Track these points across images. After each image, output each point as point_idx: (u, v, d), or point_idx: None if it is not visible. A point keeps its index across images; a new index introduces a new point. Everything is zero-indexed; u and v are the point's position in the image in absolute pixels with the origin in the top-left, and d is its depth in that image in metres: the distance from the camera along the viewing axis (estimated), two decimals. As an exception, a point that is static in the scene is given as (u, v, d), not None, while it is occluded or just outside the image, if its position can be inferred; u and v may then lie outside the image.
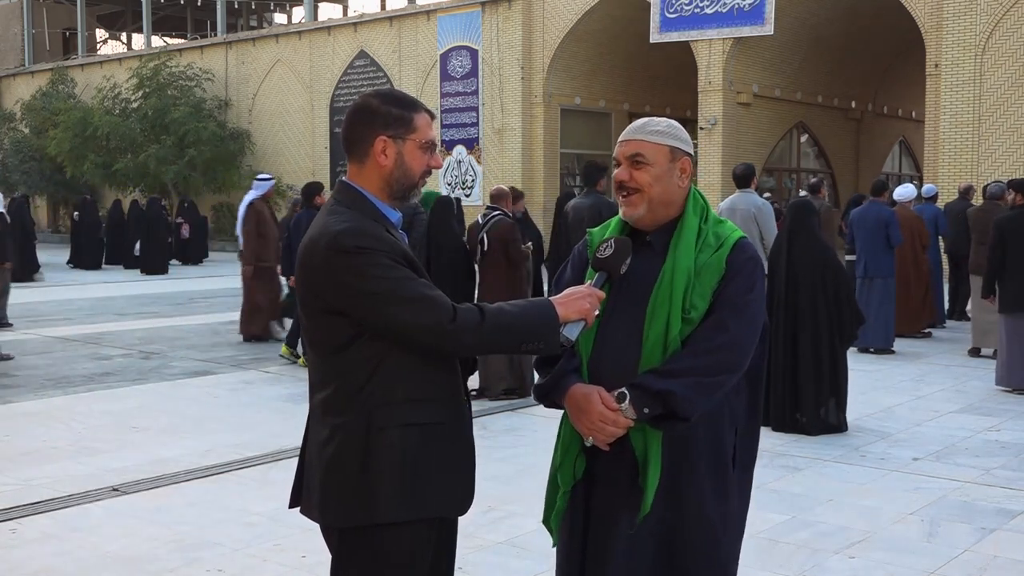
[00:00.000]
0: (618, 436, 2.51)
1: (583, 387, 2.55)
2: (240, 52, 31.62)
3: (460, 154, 26.15)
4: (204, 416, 7.79)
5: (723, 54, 21.81)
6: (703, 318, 2.53)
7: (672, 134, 2.65)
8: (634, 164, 2.62)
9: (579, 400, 2.53)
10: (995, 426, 7.35)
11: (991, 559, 4.65)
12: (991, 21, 18.28)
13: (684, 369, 2.47)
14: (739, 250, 2.59)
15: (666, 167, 2.62)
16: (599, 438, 2.52)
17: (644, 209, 2.62)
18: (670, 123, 2.69)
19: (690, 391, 2.45)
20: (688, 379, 2.45)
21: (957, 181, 17.07)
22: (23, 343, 11.74)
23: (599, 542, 2.60)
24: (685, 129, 2.77)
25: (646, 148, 2.62)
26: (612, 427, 2.49)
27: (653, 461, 2.51)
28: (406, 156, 2.53)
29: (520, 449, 6.68)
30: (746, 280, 2.56)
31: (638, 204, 2.62)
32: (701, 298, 2.54)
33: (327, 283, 2.40)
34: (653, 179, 2.61)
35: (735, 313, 2.52)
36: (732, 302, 2.53)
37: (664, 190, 2.62)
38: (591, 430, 2.52)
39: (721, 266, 2.56)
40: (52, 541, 4.89)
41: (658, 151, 2.62)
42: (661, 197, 2.62)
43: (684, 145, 2.67)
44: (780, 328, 7.25)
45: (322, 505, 2.46)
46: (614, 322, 2.59)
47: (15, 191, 29.18)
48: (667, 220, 2.64)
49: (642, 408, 2.46)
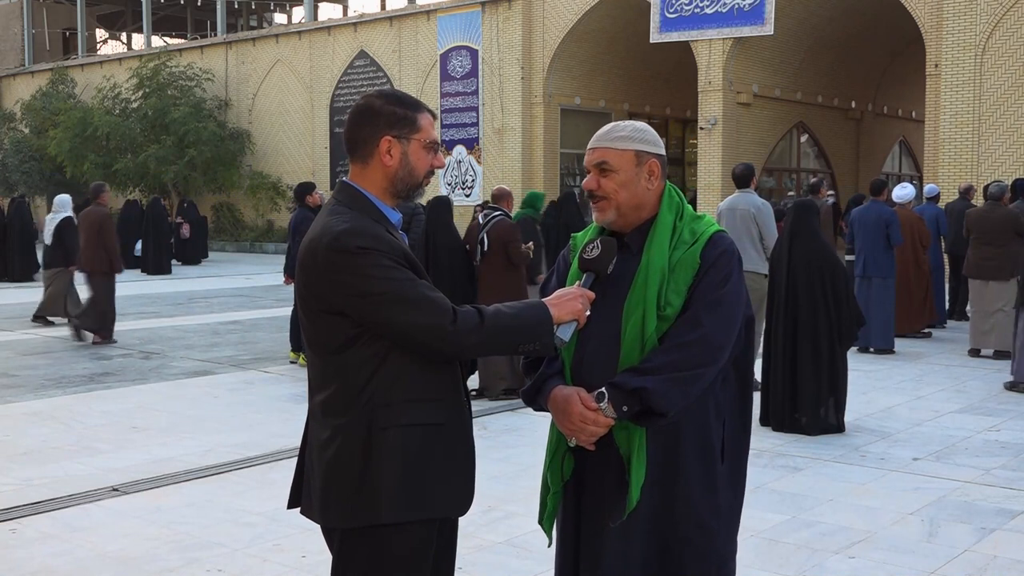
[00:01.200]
0: (601, 435, 2.54)
1: (564, 389, 2.58)
2: (240, 52, 31.62)
3: (460, 154, 26.15)
4: (204, 416, 7.79)
5: (723, 54, 21.81)
6: (679, 313, 2.55)
7: (637, 138, 2.66)
8: (601, 172, 2.65)
9: (560, 402, 2.57)
10: (995, 426, 7.35)
11: (991, 559, 4.65)
12: (991, 21, 18.28)
13: (658, 366, 2.49)
14: (712, 244, 2.60)
15: (632, 172, 2.64)
16: (582, 438, 2.55)
17: (613, 214, 2.65)
18: (636, 127, 2.69)
19: (664, 386, 2.47)
20: (662, 375, 2.48)
21: (957, 181, 17.07)
22: (23, 343, 11.75)
23: (591, 541, 2.62)
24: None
25: (610, 155, 2.64)
26: (593, 427, 2.52)
27: (637, 457, 2.53)
28: (411, 156, 2.53)
29: (520, 449, 6.68)
30: (719, 274, 2.57)
31: (607, 210, 2.66)
32: (676, 294, 2.55)
33: (328, 283, 2.40)
34: (619, 185, 2.63)
35: (709, 308, 2.54)
36: (705, 297, 2.55)
37: (632, 195, 2.64)
38: (573, 431, 2.55)
39: (695, 261, 2.57)
40: (52, 541, 4.89)
41: (622, 157, 2.64)
42: (629, 201, 2.64)
43: (650, 147, 2.67)
44: (780, 328, 7.25)
45: (323, 506, 2.46)
46: (594, 324, 2.61)
47: (15, 191, 29.23)
48: (641, 221, 2.67)
49: (620, 406, 2.49)
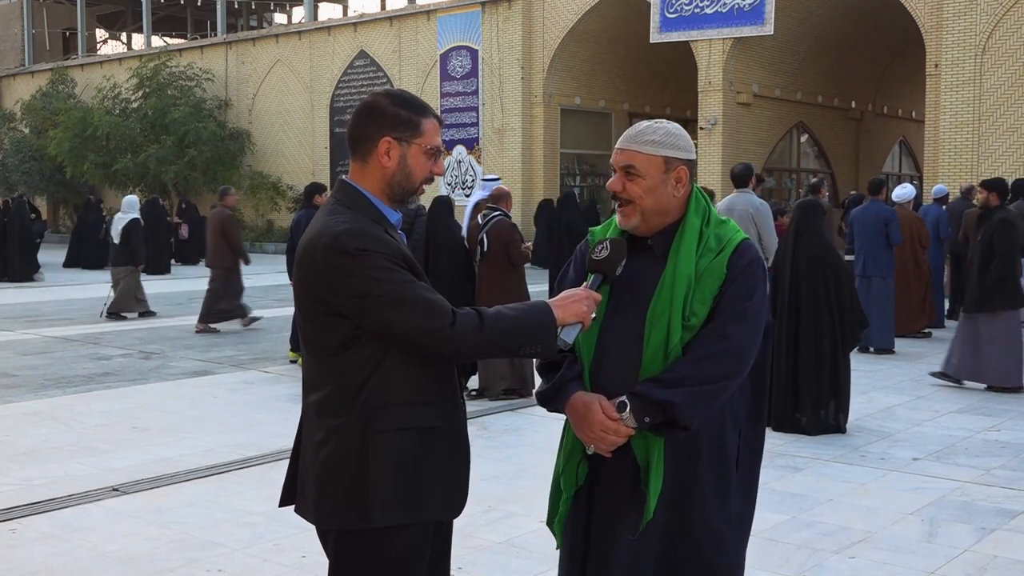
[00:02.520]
0: (619, 444, 2.51)
1: (584, 396, 2.54)
2: (240, 52, 31.61)
3: (460, 154, 26.15)
4: (204, 416, 7.79)
5: (723, 54, 21.81)
6: (704, 324, 2.52)
7: (668, 143, 2.59)
8: (627, 175, 2.59)
9: (580, 409, 2.53)
10: (995, 426, 7.35)
11: (991, 559, 4.65)
12: (991, 21, 18.27)
13: (684, 378, 2.46)
14: (739, 254, 2.56)
15: (659, 179, 2.58)
16: (601, 447, 2.52)
17: (638, 219, 2.61)
18: (667, 130, 2.62)
19: (690, 400, 2.44)
20: (688, 388, 2.44)
21: (957, 181, 17.07)
22: (23, 343, 11.75)
23: (601, 546, 2.59)
24: (685, 129, 2.74)
25: (638, 160, 2.58)
26: (613, 436, 2.49)
27: (655, 467, 2.50)
28: (410, 160, 2.50)
29: (520, 449, 6.68)
30: (746, 285, 2.53)
31: (631, 215, 2.61)
32: (701, 304, 2.52)
33: (326, 284, 2.39)
34: (644, 191, 2.58)
35: (735, 319, 2.50)
36: (732, 308, 2.51)
37: (657, 201, 2.59)
38: (592, 439, 2.52)
39: (722, 271, 2.54)
40: (52, 541, 4.89)
41: (651, 163, 2.58)
42: (654, 208, 2.59)
43: (680, 152, 2.60)
44: (783, 328, 7.24)
45: (318, 507, 2.45)
46: (615, 328, 2.58)
47: (15, 191, 29.20)
48: (665, 225, 2.62)
49: (643, 417, 2.46)
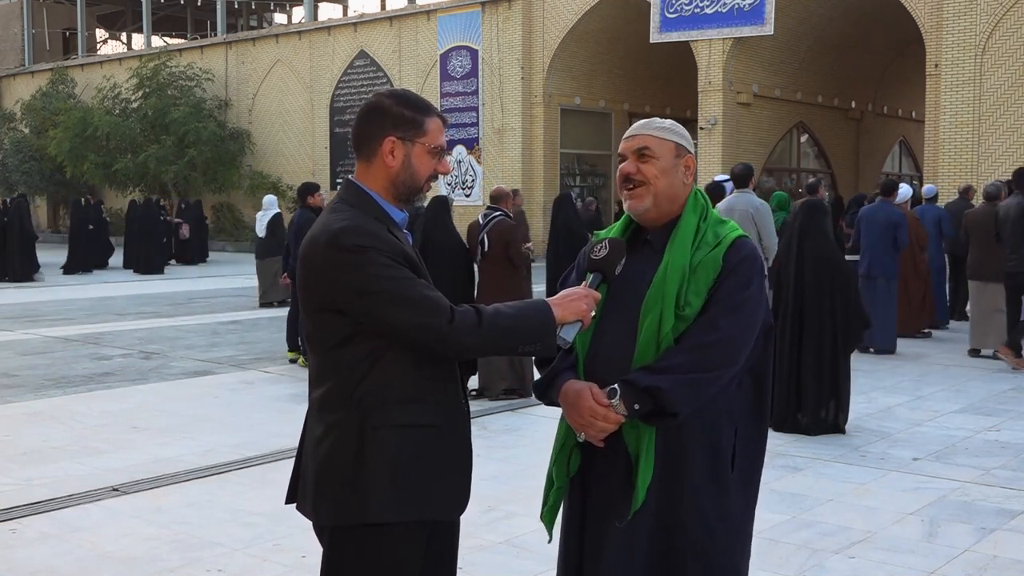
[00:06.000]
0: (610, 431, 2.52)
1: (576, 383, 2.57)
2: (240, 52, 31.63)
3: (460, 154, 26.16)
4: (204, 416, 7.78)
5: (723, 54, 21.82)
6: (698, 315, 2.55)
7: (677, 132, 2.72)
8: (640, 157, 2.65)
9: (571, 395, 2.55)
10: (995, 426, 7.35)
11: (991, 559, 4.65)
12: (991, 21, 18.28)
13: (673, 366, 2.48)
14: (735, 248, 2.59)
15: (672, 162, 2.66)
16: (591, 433, 2.53)
17: (650, 202, 2.64)
18: (673, 123, 2.76)
19: (677, 387, 2.46)
20: (676, 375, 2.47)
21: (957, 181, 17.08)
22: (23, 343, 11.75)
23: (595, 538, 2.61)
24: (685, 129, 2.82)
25: (652, 142, 2.66)
26: (603, 422, 2.50)
27: (645, 457, 2.52)
28: (413, 159, 2.51)
29: (520, 449, 6.68)
30: (740, 278, 2.56)
31: (644, 196, 2.65)
32: (696, 295, 2.54)
33: (326, 281, 2.39)
34: (659, 172, 2.64)
35: (728, 311, 2.53)
36: (725, 300, 2.54)
37: (670, 184, 2.65)
38: (582, 425, 2.54)
39: (717, 264, 2.57)
40: (52, 541, 4.89)
41: (664, 146, 2.66)
42: (667, 191, 2.64)
43: (688, 144, 2.73)
44: (786, 328, 7.23)
45: (315, 502, 2.46)
46: (611, 320, 2.61)
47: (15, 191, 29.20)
48: (670, 218, 2.66)
49: (632, 404, 2.48)
